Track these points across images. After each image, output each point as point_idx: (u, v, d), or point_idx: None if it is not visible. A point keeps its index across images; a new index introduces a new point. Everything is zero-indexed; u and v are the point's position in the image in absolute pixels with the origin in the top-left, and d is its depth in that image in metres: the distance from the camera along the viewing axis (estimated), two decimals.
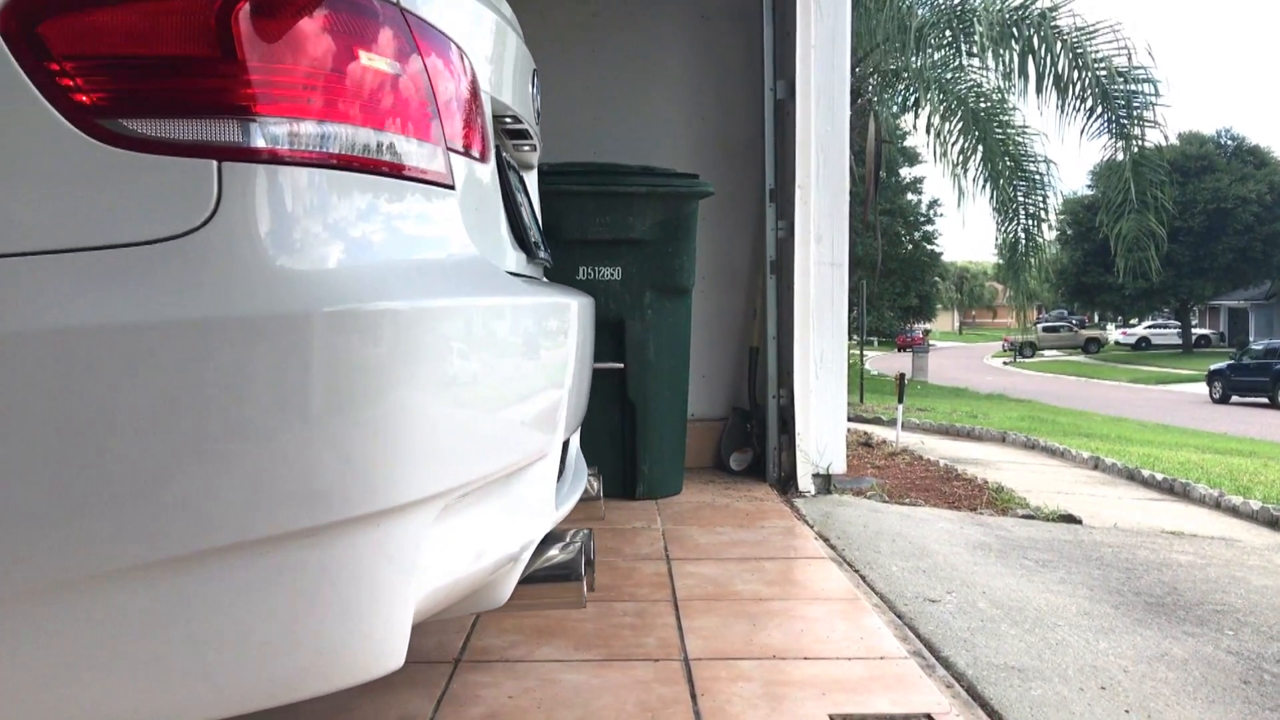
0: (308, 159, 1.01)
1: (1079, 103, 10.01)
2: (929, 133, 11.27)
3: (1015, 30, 9.94)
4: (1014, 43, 9.97)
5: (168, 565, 0.93)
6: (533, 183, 2.07)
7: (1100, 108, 10.00)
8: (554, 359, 1.50)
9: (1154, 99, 10.10)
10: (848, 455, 4.43)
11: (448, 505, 1.14)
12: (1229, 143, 39.25)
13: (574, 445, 1.96)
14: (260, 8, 0.98)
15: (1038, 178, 10.86)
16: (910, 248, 32.35)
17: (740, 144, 4.64)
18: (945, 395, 17.69)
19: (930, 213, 33.50)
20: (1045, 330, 47.38)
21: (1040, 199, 11.01)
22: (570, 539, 1.56)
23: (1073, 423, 12.64)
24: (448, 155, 1.23)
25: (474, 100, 1.38)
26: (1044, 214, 11.12)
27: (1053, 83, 9.93)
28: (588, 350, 1.83)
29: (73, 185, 0.92)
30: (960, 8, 10.31)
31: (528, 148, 1.88)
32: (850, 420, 8.11)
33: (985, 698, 1.98)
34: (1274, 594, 3.03)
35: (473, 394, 1.18)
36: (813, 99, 3.98)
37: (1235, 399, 21.94)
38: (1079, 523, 4.22)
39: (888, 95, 12.57)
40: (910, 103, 11.75)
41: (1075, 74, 9.89)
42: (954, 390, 20.04)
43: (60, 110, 0.92)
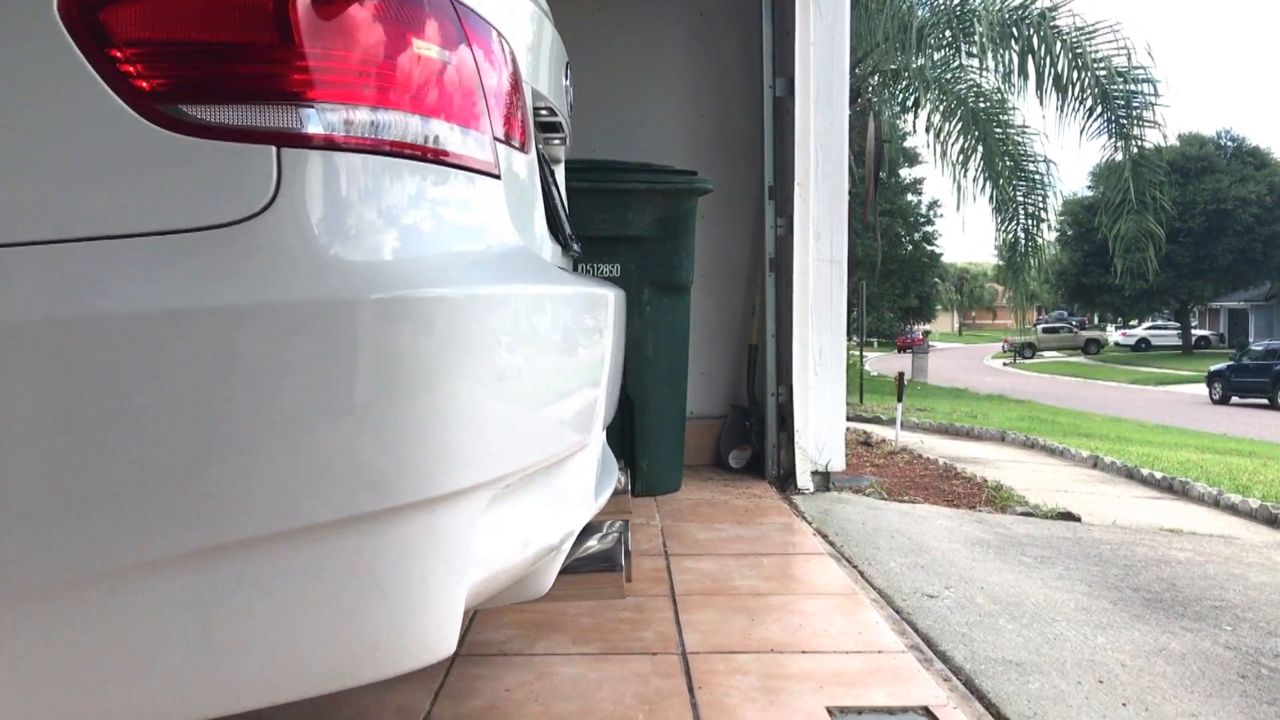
0: (363, 145, 1.02)
1: (1078, 103, 10.01)
2: (929, 133, 11.28)
3: (1015, 30, 9.94)
4: (1014, 43, 9.98)
5: (223, 551, 0.93)
6: (561, 177, 2.08)
7: (1100, 108, 10.00)
8: (595, 350, 1.52)
9: (1153, 99, 10.11)
10: (847, 454, 4.43)
11: (497, 493, 1.15)
12: (1229, 144, 39.26)
13: (602, 438, 1.98)
14: None
15: (1037, 177, 10.86)
16: (910, 248, 32.35)
17: (739, 141, 4.65)
18: (945, 396, 17.69)
19: (930, 213, 33.50)
20: (1045, 331, 47.41)
21: (1040, 198, 11.01)
22: (607, 530, 1.57)
23: (1072, 423, 12.65)
24: (494, 144, 1.24)
25: (516, 90, 1.38)
26: (1043, 213, 11.13)
27: (1052, 83, 9.93)
28: (621, 343, 1.84)
29: (134, 171, 0.93)
30: (960, 8, 10.32)
31: (557, 141, 1.89)
32: (850, 420, 8.11)
33: (983, 691, 1.98)
34: (1272, 590, 3.03)
35: (523, 382, 1.19)
36: (812, 96, 3.98)
37: (1235, 400, 21.94)
38: (1078, 520, 4.22)
39: (888, 95, 12.57)
40: (910, 103, 11.75)
41: (1075, 74, 9.88)
42: (953, 391, 20.04)
43: (122, 96, 0.92)
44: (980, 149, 10.71)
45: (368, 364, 0.97)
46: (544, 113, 1.71)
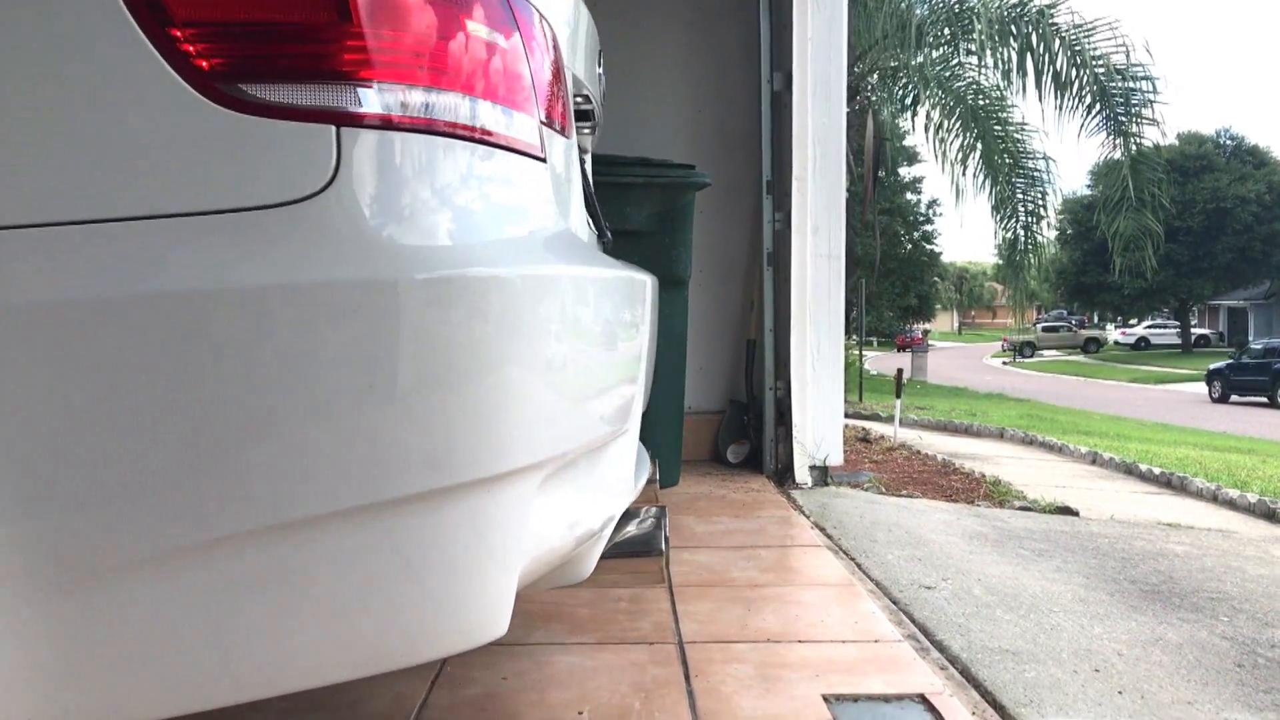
0: (418, 126, 1.02)
1: (1077, 100, 10.01)
2: (928, 131, 11.28)
3: (1014, 28, 9.94)
4: (1012, 40, 9.98)
5: (282, 531, 0.93)
6: (589, 166, 2.08)
7: (1098, 105, 9.99)
8: (637, 333, 1.53)
9: (1152, 96, 10.12)
10: (846, 450, 4.43)
11: (549, 474, 1.15)
12: (1228, 142, 39.27)
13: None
14: None
15: (1037, 174, 10.87)
16: (909, 247, 32.36)
17: (737, 136, 4.65)
18: (944, 395, 17.70)
19: (929, 212, 33.53)
20: (1044, 330, 47.42)
21: (1039, 195, 11.01)
22: (644, 515, 1.57)
23: (1071, 421, 12.65)
24: (540, 127, 1.24)
25: (558, 73, 1.38)
26: (1043, 210, 11.13)
27: (1051, 80, 9.93)
28: (655, 328, 1.85)
29: (195, 149, 0.93)
30: (959, 6, 10.32)
31: (587, 129, 1.89)
32: (848, 417, 8.12)
33: (979, 679, 1.98)
34: (1269, 583, 3.03)
35: (575, 363, 1.20)
36: (809, 91, 3.98)
37: (1234, 398, 21.95)
38: (1076, 514, 4.23)
39: (886, 94, 12.57)
40: (909, 100, 11.75)
41: (1073, 71, 9.88)
42: (953, 390, 20.05)
43: (183, 75, 0.93)
44: (979, 146, 10.71)
45: (428, 343, 0.97)
46: (579, 100, 1.71)
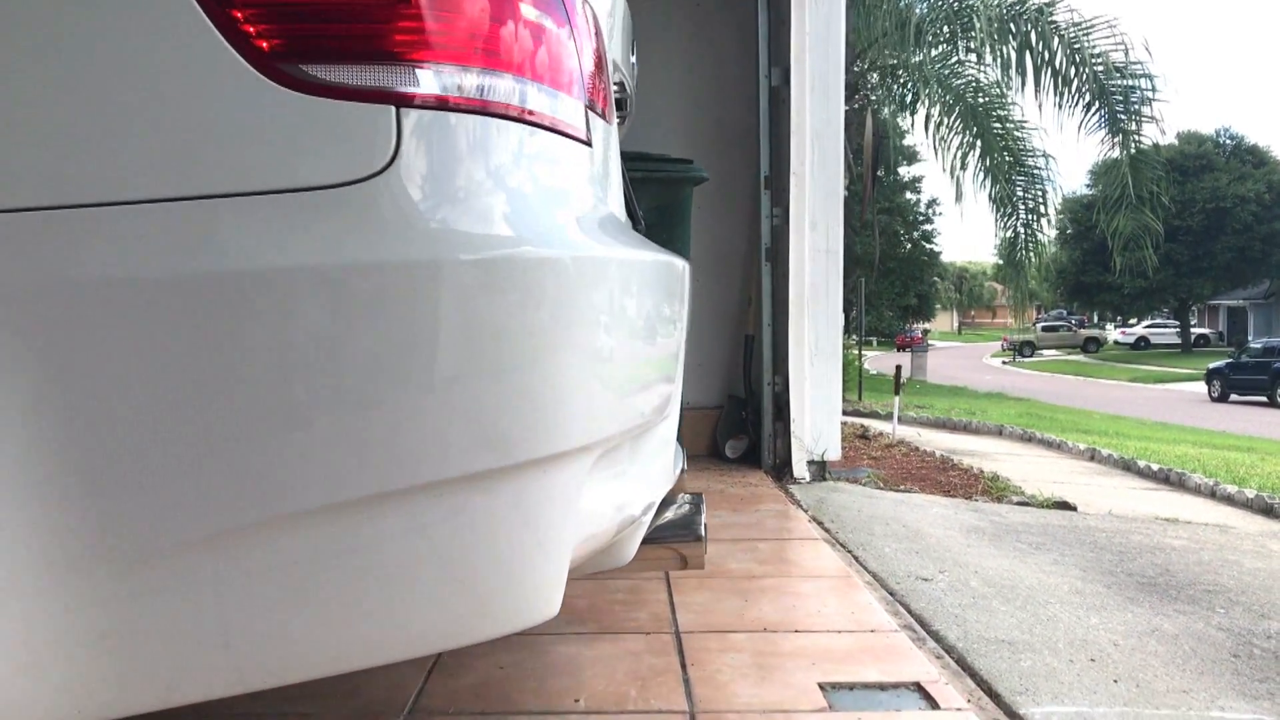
0: (473, 107, 1.03)
1: (1077, 98, 10.02)
2: (928, 130, 11.28)
3: (1013, 26, 9.95)
4: (1011, 38, 9.99)
5: (342, 510, 0.94)
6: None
7: (1097, 103, 10.00)
8: (679, 316, 1.53)
9: (1151, 94, 10.12)
10: (844, 447, 4.44)
11: (598, 457, 1.16)
12: (1228, 142, 39.24)
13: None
14: None
15: (1037, 172, 10.87)
16: (909, 247, 32.37)
17: (735, 131, 4.65)
18: (944, 394, 17.69)
19: (929, 212, 33.53)
20: (1044, 330, 47.40)
21: (1039, 193, 11.01)
22: (681, 502, 1.58)
23: (1071, 420, 12.65)
24: (586, 111, 1.25)
25: (601, 59, 1.39)
26: (1043, 208, 11.12)
27: (1050, 78, 9.94)
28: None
29: (257, 129, 0.93)
30: (958, 4, 10.33)
31: (620, 118, 1.90)
32: (848, 415, 8.12)
33: (975, 668, 1.99)
34: (1267, 576, 3.03)
35: (624, 346, 1.20)
36: (807, 86, 3.99)
37: (1234, 398, 21.94)
38: (1073, 509, 4.23)
39: (885, 93, 12.57)
40: (909, 99, 11.75)
41: (1072, 70, 9.90)
42: (952, 389, 20.04)
43: (243, 55, 0.93)
44: (979, 144, 10.71)
45: (487, 323, 0.98)
46: (614, 87, 1.72)
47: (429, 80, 0.99)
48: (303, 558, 0.94)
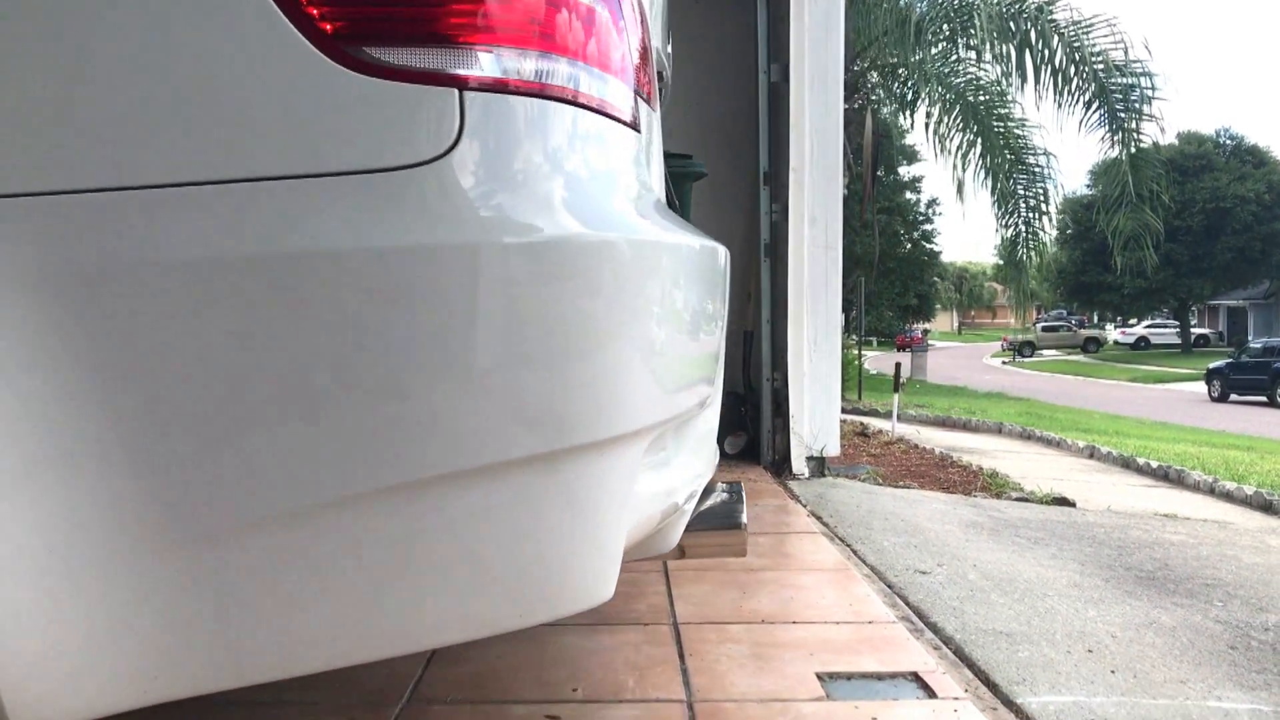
0: (532, 90, 1.03)
1: (1077, 95, 10.00)
2: (928, 128, 11.26)
3: (1012, 24, 9.95)
4: (1011, 37, 9.98)
5: (405, 491, 0.94)
6: None
7: (1097, 101, 10.00)
8: (722, 300, 1.53)
9: (1151, 92, 10.11)
10: (844, 445, 4.44)
11: (651, 441, 1.16)
12: (1228, 142, 39.20)
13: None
14: None
15: (1038, 170, 10.84)
16: (909, 247, 32.33)
17: (734, 127, 4.65)
18: (943, 394, 17.68)
19: (929, 211, 33.49)
20: (1044, 330, 47.36)
21: (1040, 191, 10.99)
22: (721, 490, 1.57)
23: (1071, 419, 12.64)
24: (635, 96, 1.26)
25: (647, 45, 1.40)
26: (1044, 206, 11.09)
27: (1050, 77, 9.93)
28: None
29: (322, 111, 0.93)
30: (958, 1, 10.32)
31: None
32: (848, 413, 8.12)
33: (972, 659, 1.99)
34: (1265, 571, 3.04)
35: (676, 329, 1.21)
36: (806, 82, 3.99)
37: (1234, 397, 21.93)
38: (1072, 505, 4.23)
39: (885, 92, 12.56)
40: (909, 97, 11.74)
41: (1072, 68, 9.89)
42: (952, 389, 20.03)
43: (308, 37, 0.93)
44: (979, 143, 10.70)
45: (551, 305, 0.98)
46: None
47: (490, 63, 0.99)
48: (369, 539, 0.94)
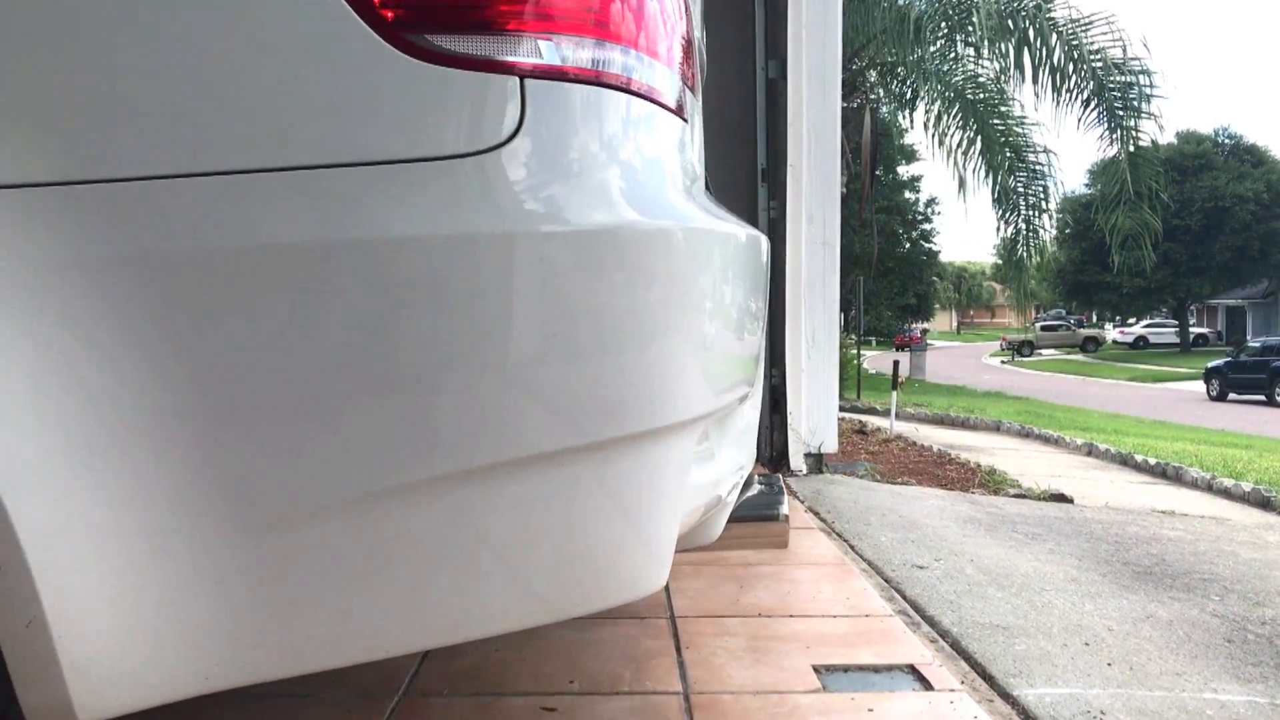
0: (589, 78, 1.04)
1: (1075, 93, 10.00)
2: (928, 127, 11.25)
3: (1011, 22, 9.95)
4: (1009, 35, 9.98)
5: (483, 475, 0.95)
6: None
7: (1096, 99, 9.99)
8: (764, 289, 1.54)
9: (1149, 90, 10.11)
10: (842, 442, 4.45)
11: (703, 430, 1.16)
12: (1226, 141, 39.20)
13: None
14: None
15: (1038, 168, 10.83)
16: (908, 246, 32.31)
17: (732, 124, 4.64)
18: (942, 393, 17.68)
19: (928, 211, 33.47)
20: (1043, 329, 47.34)
21: (1040, 189, 10.98)
22: (760, 482, 1.57)
23: (1069, 418, 12.64)
24: (682, 85, 1.26)
25: (690, 36, 1.41)
26: (1045, 204, 11.08)
27: (1049, 75, 9.93)
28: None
29: (385, 98, 0.94)
30: (956, 1, 10.32)
31: None
32: (846, 411, 8.12)
33: (969, 652, 1.99)
34: (1262, 565, 3.04)
35: (726, 318, 1.21)
36: (804, 78, 3.99)
37: (1233, 397, 21.93)
38: (1070, 502, 4.24)
39: (884, 91, 12.56)
40: (908, 96, 11.73)
41: (1070, 66, 9.88)
42: (951, 388, 20.03)
43: (371, 25, 0.93)
44: (979, 141, 10.70)
45: (611, 292, 0.98)
46: None
47: (550, 51, 1.00)
48: (431, 525, 0.95)
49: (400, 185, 0.92)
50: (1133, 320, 46.83)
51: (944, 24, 10.44)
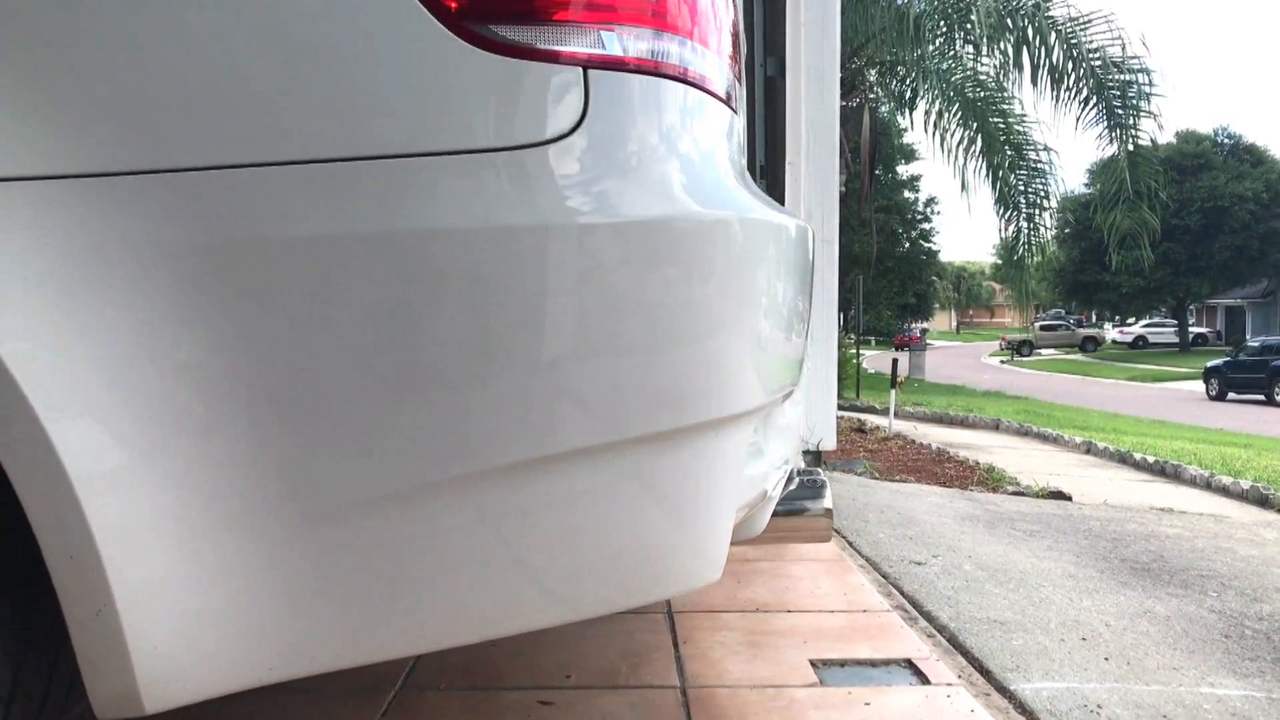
0: (649, 68, 1.04)
1: (1074, 92, 9.99)
2: (927, 126, 11.24)
3: (1010, 21, 9.94)
4: (1008, 33, 9.97)
5: (544, 465, 0.94)
6: None
7: (1095, 98, 9.99)
8: (811, 281, 1.54)
9: (1149, 89, 10.10)
10: (841, 441, 4.45)
11: (757, 421, 1.16)
12: (1226, 141, 39.19)
13: None
14: None
15: (1039, 166, 10.81)
16: (907, 246, 32.30)
17: None
18: (942, 392, 17.68)
19: (927, 210, 33.46)
20: (1043, 329, 47.32)
21: (1041, 188, 10.96)
22: (805, 475, 1.58)
23: (1069, 417, 12.64)
24: (733, 78, 1.26)
25: (738, 28, 1.40)
26: (1045, 202, 11.05)
27: (1048, 73, 9.92)
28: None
29: (450, 88, 0.93)
30: (956, 0, 10.32)
31: None
32: (845, 410, 8.12)
33: (966, 646, 1.99)
34: (1260, 562, 3.04)
35: (778, 309, 1.21)
36: (803, 76, 3.98)
37: (1232, 396, 21.93)
38: (1068, 499, 4.24)
39: (883, 90, 12.55)
40: (908, 94, 11.72)
41: (1070, 64, 9.88)
42: (951, 388, 20.03)
43: (436, 15, 0.93)
44: (980, 139, 10.69)
45: (673, 284, 0.98)
46: None
47: (611, 42, 1.00)
48: (491, 516, 0.94)
49: (464, 176, 0.92)
50: (1132, 320, 46.83)
51: (943, 22, 10.43)
